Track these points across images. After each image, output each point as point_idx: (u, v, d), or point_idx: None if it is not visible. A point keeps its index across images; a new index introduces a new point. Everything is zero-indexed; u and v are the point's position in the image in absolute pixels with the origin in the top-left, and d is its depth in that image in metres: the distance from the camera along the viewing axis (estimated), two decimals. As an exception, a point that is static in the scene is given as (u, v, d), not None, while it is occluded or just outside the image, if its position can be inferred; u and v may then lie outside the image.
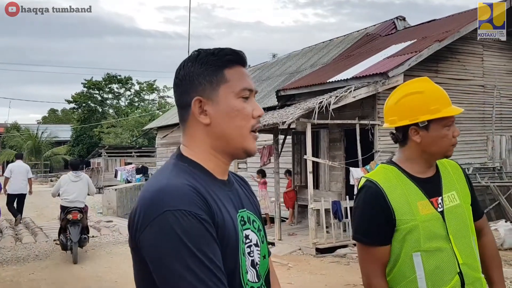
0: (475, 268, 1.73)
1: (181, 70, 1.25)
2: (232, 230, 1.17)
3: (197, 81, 1.22)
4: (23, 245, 9.32)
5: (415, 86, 1.80)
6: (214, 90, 1.21)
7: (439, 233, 1.69)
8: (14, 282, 6.64)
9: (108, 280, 6.69)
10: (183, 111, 1.25)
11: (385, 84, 8.93)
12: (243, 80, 1.24)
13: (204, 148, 1.24)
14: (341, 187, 10.33)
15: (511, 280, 5.90)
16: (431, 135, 1.73)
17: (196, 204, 1.09)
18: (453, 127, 1.75)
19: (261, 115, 1.26)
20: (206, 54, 1.23)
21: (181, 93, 1.25)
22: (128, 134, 36.20)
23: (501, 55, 11.32)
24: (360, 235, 1.77)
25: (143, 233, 1.09)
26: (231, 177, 1.33)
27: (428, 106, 1.72)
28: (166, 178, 1.15)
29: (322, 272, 6.96)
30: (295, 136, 11.17)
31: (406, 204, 1.70)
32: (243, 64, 1.27)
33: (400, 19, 14.37)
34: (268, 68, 18.24)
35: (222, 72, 1.22)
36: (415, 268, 1.68)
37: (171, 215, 1.06)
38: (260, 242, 1.29)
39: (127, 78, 44.93)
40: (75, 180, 8.14)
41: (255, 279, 1.23)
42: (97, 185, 25.70)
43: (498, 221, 8.73)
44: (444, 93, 1.78)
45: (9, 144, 41.79)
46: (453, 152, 1.79)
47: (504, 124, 11.34)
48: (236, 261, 1.16)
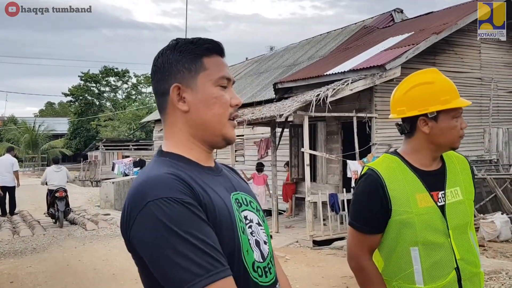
0: (473, 263, 1.73)
1: (159, 57, 1.25)
2: (224, 210, 1.15)
3: (175, 68, 1.22)
4: (20, 238, 9.33)
5: (425, 77, 1.79)
6: (193, 78, 1.22)
7: (438, 227, 1.69)
8: (12, 275, 6.65)
9: (106, 272, 6.70)
10: (161, 99, 1.25)
11: (382, 76, 8.92)
12: (221, 69, 1.25)
13: (184, 137, 1.24)
14: (338, 180, 10.35)
15: (507, 271, 5.93)
16: (440, 126, 1.72)
17: (178, 189, 1.08)
18: (461, 119, 1.75)
19: (239, 104, 1.26)
20: (185, 43, 1.24)
21: (159, 80, 1.24)
22: (126, 127, 36.16)
23: (499, 47, 11.31)
24: (356, 221, 1.78)
25: (132, 230, 1.08)
26: (218, 164, 1.33)
27: (438, 97, 1.72)
28: (146, 173, 1.15)
29: (319, 264, 6.99)
30: (292, 129, 11.17)
31: (405, 195, 1.69)
32: (221, 54, 1.28)
33: (397, 12, 14.33)
34: (266, 60, 18.20)
35: (201, 60, 1.23)
36: (412, 261, 1.68)
37: (153, 205, 1.05)
38: (262, 222, 1.29)
39: (124, 71, 44.83)
40: (57, 171, 11.10)
41: (260, 259, 1.22)
42: (95, 178, 25.72)
43: (494, 213, 8.78)
44: (453, 85, 1.78)
45: (6, 138, 41.67)
46: None
47: (501, 116, 11.36)
48: (234, 240, 1.14)
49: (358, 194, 1.78)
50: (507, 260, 6.98)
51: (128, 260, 7.35)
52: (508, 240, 8.16)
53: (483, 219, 8.52)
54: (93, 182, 25.60)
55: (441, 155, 1.83)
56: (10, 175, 11.81)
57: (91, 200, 17.12)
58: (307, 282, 6.00)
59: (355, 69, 9.51)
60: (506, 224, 8.28)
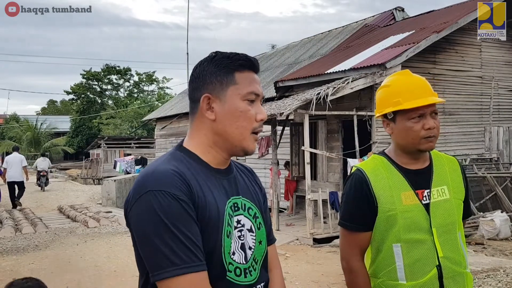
0: (457, 263, 1.74)
1: (197, 68, 1.36)
2: (214, 212, 1.26)
3: (209, 79, 1.32)
4: (22, 235, 9.38)
5: (388, 80, 1.85)
6: (223, 90, 1.31)
7: (421, 225, 1.71)
8: (14, 272, 6.70)
9: (107, 269, 6.76)
10: (193, 104, 1.37)
11: (383, 75, 8.93)
12: (251, 84, 1.33)
13: (205, 141, 1.34)
14: (339, 178, 10.38)
15: (504, 269, 5.97)
16: (398, 127, 1.77)
17: (176, 186, 1.20)
18: (425, 120, 1.72)
19: (264, 119, 1.34)
20: (222, 57, 1.34)
21: (194, 88, 1.35)
22: (127, 125, 36.21)
23: (499, 46, 11.31)
24: (344, 221, 1.82)
25: (131, 210, 1.23)
26: (232, 167, 1.41)
27: (391, 99, 1.77)
28: (156, 165, 1.28)
29: (319, 262, 7.03)
30: (293, 127, 11.20)
31: (389, 193, 1.73)
32: (255, 70, 1.36)
33: (399, 10, 14.34)
34: (267, 59, 18.23)
35: (232, 74, 1.32)
36: (395, 258, 1.72)
37: (152, 195, 1.18)
38: (255, 228, 1.36)
39: (126, 69, 44.84)
40: (43, 161, 18.57)
41: (243, 261, 1.31)
42: (97, 176, 25.77)
43: (494, 212, 8.81)
44: (415, 86, 1.75)
45: (8, 135, 41.77)
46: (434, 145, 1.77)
47: (501, 115, 11.37)
48: (216, 241, 1.25)
49: (346, 193, 1.83)
50: (506, 258, 7.01)
51: (129, 257, 7.40)
52: (507, 238, 8.19)
53: (482, 217, 8.55)
54: (95, 180, 25.67)
55: (429, 154, 1.85)
56: (20, 171, 13.45)
57: (93, 198, 17.17)
58: (307, 280, 6.04)
59: (355, 67, 9.53)
60: (506, 223, 8.31)
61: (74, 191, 19.59)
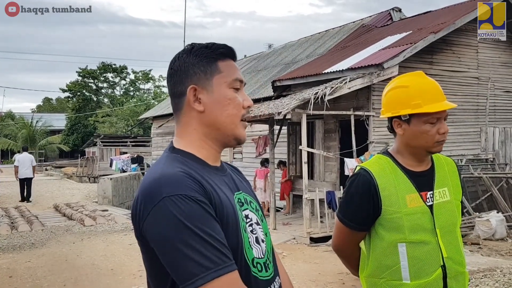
0: (459, 263, 1.78)
1: (176, 61, 1.32)
2: (230, 209, 1.22)
3: (192, 71, 1.29)
4: (19, 233, 9.35)
5: (404, 80, 1.83)
6: (208, 80, 1.28)
7: (426, 226, 1.73)
8: (11, 270, 6.69)
9: (104, 268, 6.74)
10: (177, 100, 1.32)
11: (380, 75, 8.97)
12: (234, 72, 1.31)
13: (197, 136, 1.30)
14: (336, 178, 10.40)
15: (501, 269, 6.00)
16: (412, 129, 1.77)
17: (192, 188, 1.15)
18: (440, 124, 1.76)
19: (251, 105, 1.33)
20: (200, 47, 1.31)
21: (176, 83, 1.31)
22: (123, 124, 36.13)
23: (496, 47, 11.37)
24: (345, 217, 1.83)
25: (146, 221, 1.14)
26: (223, 164, 1.39)
27: (410, 101, 1.76)
28: (160, 169, 1.21)
29: (315, 261, 7.05)
30: (290, 127, 11.22)
31: (395, 195, 1.74)
32: (234, 58, 1.34)
33: (396, 10, 14.38)
34: (264, 58, 18.23)
35: (215, 63, 1.29)
36: (399, 258, 1.73)
37: (169, 201, 1.11)
38: (260, 221, 1.35)
39: (122, 67, 44.73)
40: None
41: (261, 255, 1.29)
42: (92, 174, 25.71)
43: (490, 212, 8.85)
44: (433, 89, 1.78)
45: (3, 133, 41.61)
46: (442, 148, 1.80)
47: (497, 116, 11.42)
48: (238, 238, 1.22)
49: (351, 192, 1.82)
50: (502, 258, 7.05)
51: (126, 256, 7.40)
52: (503, 238, 8.24)
53: (478, 217, 8.59)
54: (90, 178, 25.61)
55: (430, 156, 1.87)
56: (30, 169, 15.09)
57: (89, 196, 17.15)
58: (304, 279, 6.06)
59: (353, 67, 9.55)
60: (502, 223, 8.35)
61: (70, 189, 19.56)
